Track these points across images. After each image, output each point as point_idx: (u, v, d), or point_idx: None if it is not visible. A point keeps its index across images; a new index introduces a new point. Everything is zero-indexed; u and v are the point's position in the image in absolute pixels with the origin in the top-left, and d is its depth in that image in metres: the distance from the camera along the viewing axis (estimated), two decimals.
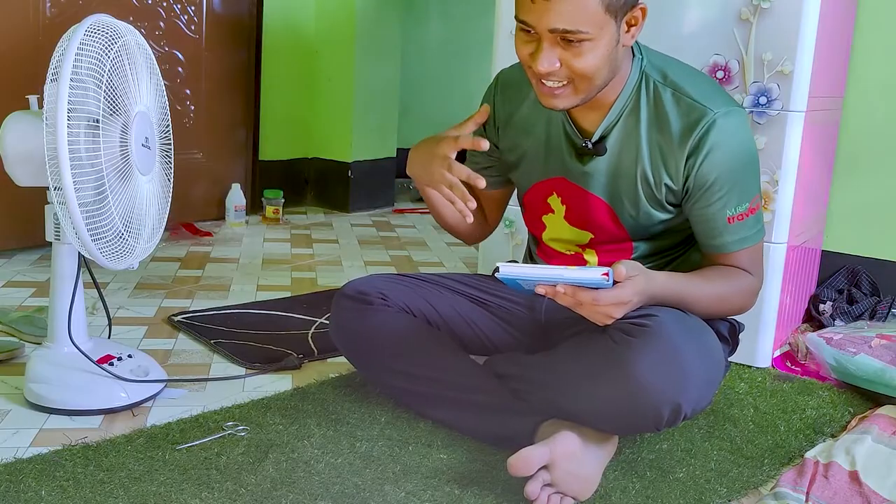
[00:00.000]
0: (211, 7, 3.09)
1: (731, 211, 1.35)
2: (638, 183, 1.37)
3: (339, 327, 1.55)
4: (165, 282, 2.36)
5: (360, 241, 3.03)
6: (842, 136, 2.26)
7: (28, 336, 1.83)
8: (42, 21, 2.55)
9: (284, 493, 1.25)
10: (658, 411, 1.23)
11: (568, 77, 1.27)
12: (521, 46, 1.28)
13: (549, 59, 1.24)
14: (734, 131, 1.32)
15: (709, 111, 1.31)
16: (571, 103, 1.31)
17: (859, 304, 2.15)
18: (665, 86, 1.34)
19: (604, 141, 1.38)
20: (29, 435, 1.40)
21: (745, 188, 1.35)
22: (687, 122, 1.32)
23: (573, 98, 1.30)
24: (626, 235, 1.43)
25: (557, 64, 1.25)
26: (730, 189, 1.34)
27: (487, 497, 1.27)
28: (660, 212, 1.40)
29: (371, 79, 3.51)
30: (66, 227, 1.40)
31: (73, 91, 1.33)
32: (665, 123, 1.34)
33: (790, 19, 1.75)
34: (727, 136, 1.31)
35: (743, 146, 1.34)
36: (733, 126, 1.32)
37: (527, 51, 1.27)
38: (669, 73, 1.36)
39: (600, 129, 1.37)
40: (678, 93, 1.33)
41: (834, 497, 1.32)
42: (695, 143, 1.31)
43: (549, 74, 1.26)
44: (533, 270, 1.25)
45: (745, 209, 1.36)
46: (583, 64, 1.24)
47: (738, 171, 1.34)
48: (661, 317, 1.27)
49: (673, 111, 1.33)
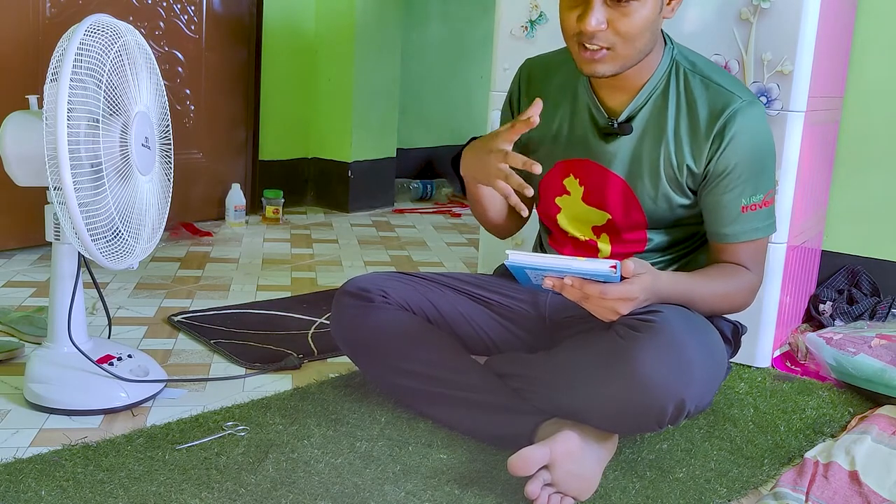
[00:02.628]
0: (211, 7, 3.09)
1: (746, 200, 1.38)
2: (661, 164, 1.40)
3: (340, 325, 1.55)
4: (165, 282, 2.36)
5: (359, 241, 3.03)
6: (842, 136, 2.26)
7: (28, 336, 1.83)
8: (42, 21, 2.55)
9: (284, 493, 1.25)
10: (662, 407, 1.23)
11: (610, 42, 1.30)
12: (567, 12, 1.32)
13: (598, 17, 1.27)
14: (758, 121, 1.37)
15: (736, 98, 1.36)
16: (611, 69, 1.33)
17: (859, 304, 2.16)
18: (694, 73, 1.39)
19: (630, 121, 1.41)
20: (29, 435, 1.40)
21: (762, 179, 1.38)
22: (714, 106, 1.36)
23: (613, 64, 1.32)
24: (643, 220, 1.44)
25: (604, 24, 1.28)
26: (748, 178, 1.37)
27: (487, 497, 1.27)
28: (679, 196, 1.41)
29: (371, 79, 3.51)
30: (66, 227, 1.40)
31: (73, 91, 1.33)
32: (693, 108, 1.38)
33: (790, 19, 1.75)
34: (751, 124, 1.35)
35: (764, 137, 1.38)
36: (757, 116, 1.36)
37: (573, 14, 1.30)
38: (698, 63, 1.41)
39: (628, 110, 1.40)
40: (707, 80, 1.38)
41: (834, 497, 1.32)
42: (721, 127, 1.35)
43: (594, 35, 1.29)
44: (542, 259, 1.25)
45: (760, 200, 1.38)
46: (629, 25, 1.28)
47: (757, 161, 1.37)
48: (665, 313, 1.28)
49: (701, 96, 1.37)
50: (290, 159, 3.56)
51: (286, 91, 3.48)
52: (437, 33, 4.18)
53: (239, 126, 3.28)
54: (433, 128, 4.25)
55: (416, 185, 3.91)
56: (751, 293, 1.44)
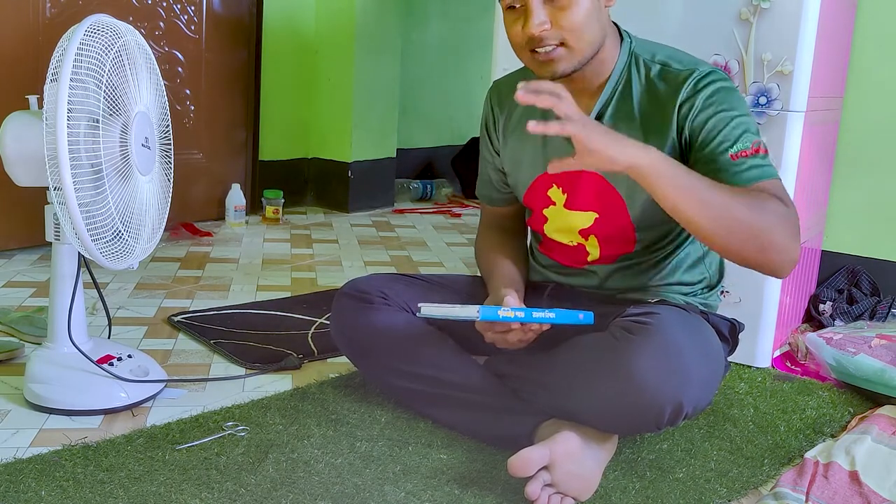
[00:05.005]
0: (211, 7, 3.09)
1: (734, 149, 1.28)
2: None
3: (340, 326, 1.55)
4: (165, 282, 2.36)
5: (359, 241, 3.03)
6: (842, 136, 2.26)
7: (28, 336, 1.83)
8: (42, 21, 2.55)
9: (284, 493, 1.25)
10: (659, 410, 1.23)
11: (559, 37, 1.29)
12: (512, 26, 1.32)
13: (538, 18, 1.27)
14: (721, 81, 1.34)
15: (695, 70, 1.34)
16: (569, 65, 1.32)
17: (859, 304, 2.16)
18: (654, 62, 1.38)
19: (599, 122, 1.38)
20: (29, 435, 1.40)
21: (744, 128, 1.30)
22: (675, 83, 1.35)
23: (569, 59, 1.31)
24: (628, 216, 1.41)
25: (547, 23, 1.28)
26: (728, 127, 1.29)
27: (487, 497, 1.27)
28: None
29: (371, 79, 3.51)
30: (66, 227, 1.40)
31: (73, 91, 1.33)
32: (655, 94, 1.36)
33: (790, 19, 1.75)
34: (715, 84, 1.33)
35: (731, 91, 1.34)
36: (719, 77, 1.34)
37: (518, 26, 1.31)
38: (658, 54, 1.39)
39: (595, 110, 1.39)
40: (665, 66, 1.37)
41: (834, 497, 1.32)
42: (685, 97, 1.33)
43: (541, 37, 1.28)
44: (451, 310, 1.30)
45: (749, 147, 1.28)
46: (571, 17, 1.28)
47: (732, 111, 1.31)
48: (662, 315, 1.28)
49: (661, 82, 1.36)
50: (290, 159, 3.56)
51: (286, 91, 3.48)
52: (437, 33, 4.18)
53: (239, 126, 3.28)
54: (433, 128, 4.25)
55: (416, 185, 3.91)
56: (787, 222, 1.20)
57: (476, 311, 1.27)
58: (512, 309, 1.29)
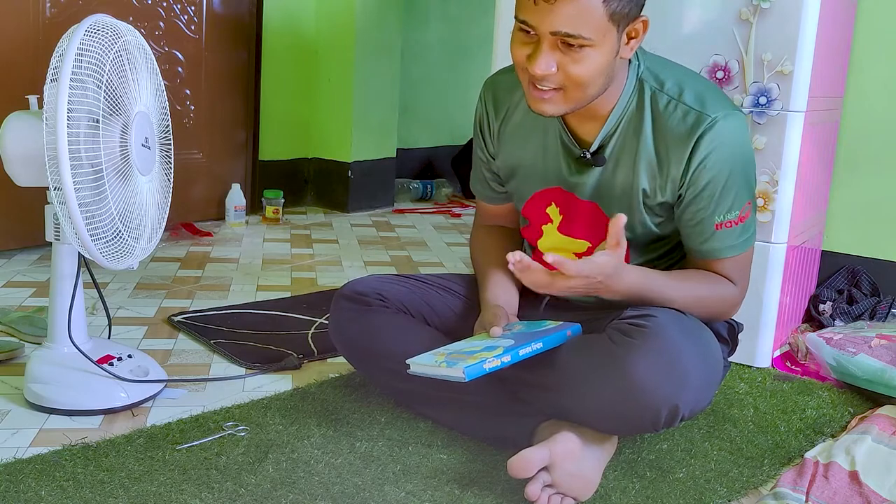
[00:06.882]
0: (211, 7, 3.09)
1: (720, 217, 1.33)
2: (635, 192, 1.36)
3: (338, 328, 1.55)
4: (165, 282, 2.36)
5: (359, 241, 3.03)
6: (842, 136, 2.26)
7: (28, 336, 1.83)
8: (42, 21, 2.55)
9: (284, 493, 1.25)
10: (656, 412, 1.23)
11: (561, 83, 1.25)
12: (518, 48, 1.27)
13: (547, 62, 1.22)
14: (730, 135, 1.31)
15: (706, 116, 1.29)
16: (560, 110, 1.29)
17: (859, 304, 2.16)
18: (662, 93, 1.33)
19: (602, 151, 1.37)
20: (29, 435, 1.40)
21: (737, 195, 1.33)
22: (684, 128, 1.30)
23: (562, 105, 1.28)
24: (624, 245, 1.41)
25: (554, 68, 1.23)
26: (720, 196, 1.32)
27: (487, 497, 1.27)
28: (655, 217, 1.38)
29: (371, 79, 3.51)
30: (66, 227, 1.40)
31: (73, 91, 1.33)
32: (663, 131, 1.32)
33: (790, 19, 1.75)
34: (723, 139, 1.30)
35: (738, 150, 1.33)
36: (730, 130, 1.31)
37: (524, 52, 1.25)
38: (667, 80, 1.34)
39: (599, 139, 1.36)
40: (675, 100, 1.32)
41: (834, 497, 1.32)
42: (690, 151, 1.30)
43: (543, 78, 1.24)
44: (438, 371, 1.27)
45: (735, 217, 1.34)
46: (580, 70, 1.23)
47: (731, 177, 1.32)
48: (659, 317, 1.27)
49: (670, 119, 1.31)
50: (290, 159, 3.56)
51: (286, 91, 3.48)
52: (437, 33, 4.18)
53: (239, 126, 3.28)
54: (433, 128, 4.25)
55: (416, 185, 3.91)
56: (731, 305, 1.42)
57: (462, 372, 1.21)
58: (497, 357, 1.24)
